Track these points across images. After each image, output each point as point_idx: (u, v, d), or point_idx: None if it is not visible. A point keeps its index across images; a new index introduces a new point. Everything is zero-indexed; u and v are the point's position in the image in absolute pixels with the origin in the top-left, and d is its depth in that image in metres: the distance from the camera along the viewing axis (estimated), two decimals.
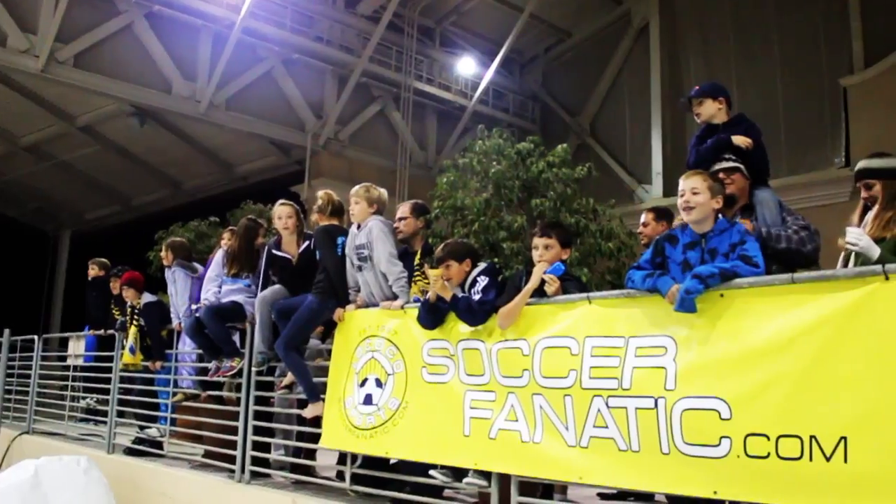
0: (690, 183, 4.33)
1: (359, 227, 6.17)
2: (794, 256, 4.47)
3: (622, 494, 5.69)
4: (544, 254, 4.99)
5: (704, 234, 4.27)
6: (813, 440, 3.54)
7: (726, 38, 23.47)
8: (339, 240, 6.30)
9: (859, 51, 20.47)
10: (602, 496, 6.10)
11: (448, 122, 27.42)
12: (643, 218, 6.36)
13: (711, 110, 5.29)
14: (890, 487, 3.34)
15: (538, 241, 5.07)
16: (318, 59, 24.40)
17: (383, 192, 6.32)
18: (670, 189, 22.05)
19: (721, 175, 4.74)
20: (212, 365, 7.48)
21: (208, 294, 7.62)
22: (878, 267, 3.59)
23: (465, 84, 27.25)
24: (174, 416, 8.35)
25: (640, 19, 25.88)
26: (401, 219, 6.25)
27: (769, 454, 3.66)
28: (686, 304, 3.97)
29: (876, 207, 4.46)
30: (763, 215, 4.75)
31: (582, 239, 14.13)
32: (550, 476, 4.64)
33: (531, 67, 29.61)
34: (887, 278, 3.50)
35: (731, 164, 4.87)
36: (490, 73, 26.96)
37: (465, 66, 27.25)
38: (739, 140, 5.00)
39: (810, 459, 3.54)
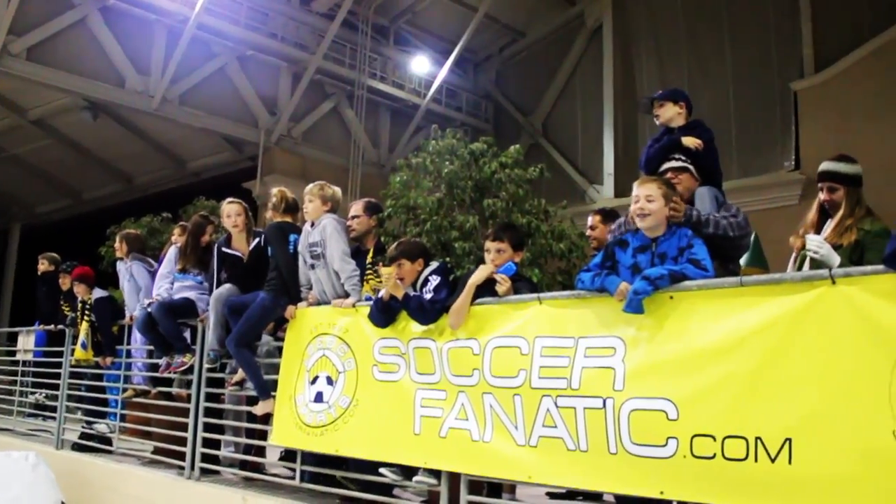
0: (645, 190, 4.34)
1: (312, 224, 6.15)
2: (721, 242, 4.52)
3: (571, 494, 5.72)
4: (496, 258, 5.01)
5: (655, 238, 4.31)
6: (758, 441, 3.59)
7: (679, 41, 23.72)
8: (292, 237, 6.28)
9: (810, 56, 20.79)
10: (550, 495, 6.14)
11: (401, 120, 27.45)
12: (590, 220, 6.40)
13: (671, 113, 5.38)
14: (832, 489, 3.40)
15: (490, 245, 5.08)
16: (272, 55, 24.29)
17: (337, 190, 6.31)
18: (622, 190, 22.26)
19: (669, 174, 4.81)
20: (162, 361, 7.41)
21: (161, 290, 7.56)
22: (825, 271, 3.66)
23: (418, 82, 27.28)
24: (124, 412, 8.26)
25: (594, 21, 26.06)
26: (354, 217, 6.25)
27: (715, 455, 3.70)
28: (634, 305, 4.00)
29: (839, 214, 4.50)
30: (698, 208, 4.76)
31: (533, 239, 14.25)
32: (500, 475, 4.66)
33: (485, 67, 29.69)
34: (834, 282, 3.55)
35: (679, 163, 4.93)
36: (444, 72, 27.03)
37: (419, 64, 27.29)
38: (689, 141, 5.07)
39: (755, 460, 3.59)
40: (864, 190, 4.66)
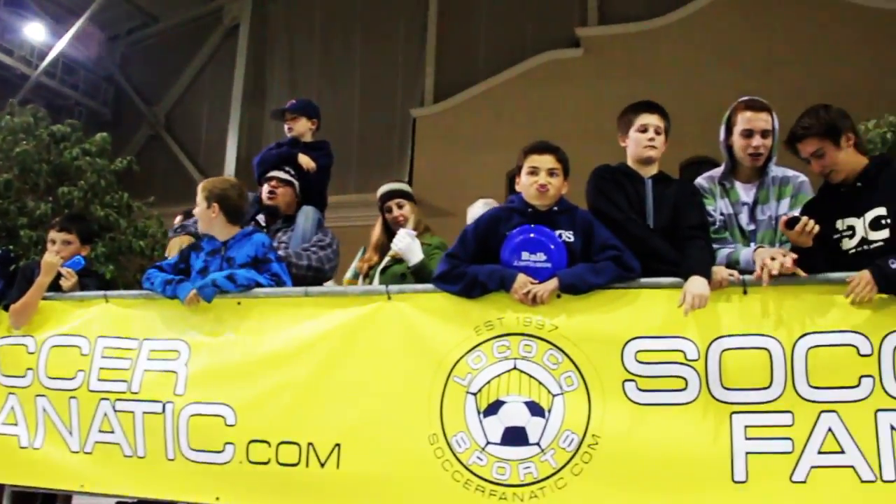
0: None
1: None
2: (316, 274, 4.68)
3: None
4: (62, 249, 4.72)
5: (225, 241, 4.30)
6: (310, 447, 3.72)
7: (313, 55, 24.20)
8: None
9: (430, 87, 22.24)
10: None
11: (6, 89, 24.81)
12: (176, 220, 6.32)
13: (303, 128, 5.56)
14: (376, 490, 3.64)
15: (56, 236, 4.80)
16: None
17: None
18: None
19: (273, 183, 5.02)
20: None
21: None
22: (383, 287, 3.95)
23: (31, 51, 24.76)
24: None
25: (231, 19, 25.75)
26: None
27: (270, 460, 3.77)
28: (206, 292, 4.02)
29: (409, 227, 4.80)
30: (301, 225, 4.98)
31: (114, 235, 13.65)
32: (49, 485, 4.33)
33: (110, 47, 27.99)
34: (389, 298, 3.82)
35: (287, 176, 5.11)
36: (62, 45, 24.86)
37: (34, 31, 24.74)
38: (304, 161, 5.27)
39: (307, 465, 3.72)
40: (458, 218, 5.08)
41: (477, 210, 5.03)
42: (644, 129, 3.91)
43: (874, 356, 3.34)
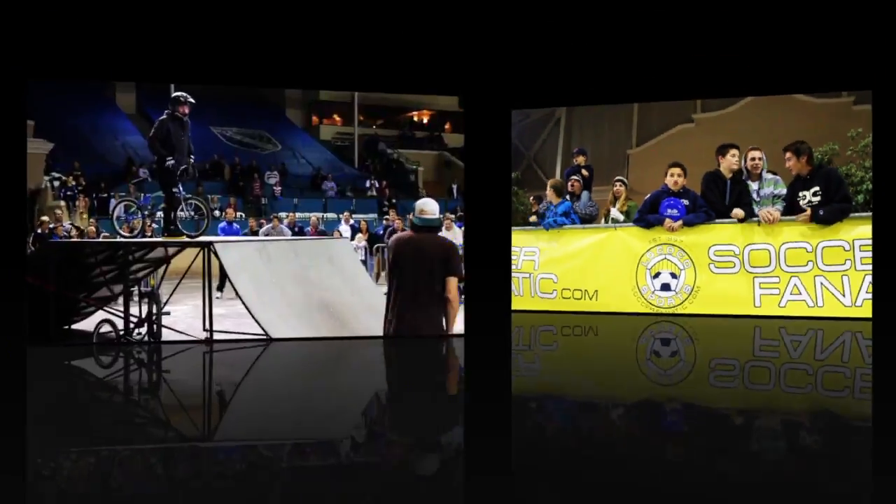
0: None
1: None
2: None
3: None
4: None
5: None
6: (585, 292, 9.00)
7: None
8: None
9: None
10: None
11: None
12: None
13: None
14: (612, 308, 8.87)
15: None
16: None
17: None
18: None
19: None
20: None
21: None
22: (613, 224, 9.06)
23: None
24: None
25: None
26: None
27: (554, 292, 9.11)
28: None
29: None
30: None
31: None
32: None
33: None
34: (616, 229, 8.96)
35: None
36: None
37: None
38: None
39: (581, 299, 9.01)
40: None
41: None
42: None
43: (813, 251, 7.95)
